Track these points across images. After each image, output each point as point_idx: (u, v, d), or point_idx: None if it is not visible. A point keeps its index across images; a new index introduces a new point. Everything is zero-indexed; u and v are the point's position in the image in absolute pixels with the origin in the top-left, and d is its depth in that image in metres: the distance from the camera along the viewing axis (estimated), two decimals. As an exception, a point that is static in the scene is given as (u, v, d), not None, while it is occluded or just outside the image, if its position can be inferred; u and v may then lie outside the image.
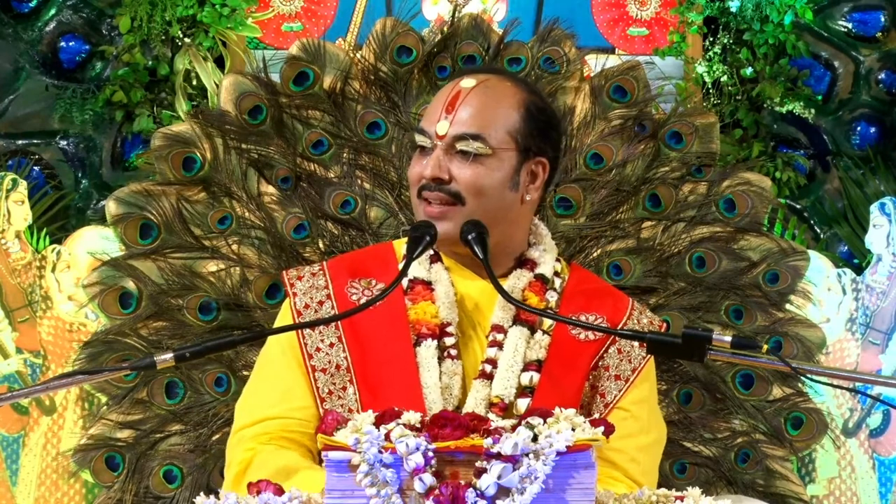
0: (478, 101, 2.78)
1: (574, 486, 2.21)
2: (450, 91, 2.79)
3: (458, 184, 2.75)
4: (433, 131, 2.77)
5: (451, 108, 2.76)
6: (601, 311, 2.86)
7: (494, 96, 2.79)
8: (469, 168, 2.75)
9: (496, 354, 2.77)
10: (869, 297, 5.63)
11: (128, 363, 2.68)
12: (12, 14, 6.57)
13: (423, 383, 2.72)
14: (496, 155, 2.77)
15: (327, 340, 2.79)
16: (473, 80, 2.80)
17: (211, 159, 3.25)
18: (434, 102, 2.82)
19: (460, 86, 2.79)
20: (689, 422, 3.25)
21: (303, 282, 2.86)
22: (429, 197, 2.76)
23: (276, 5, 6.67)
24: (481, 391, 2.74)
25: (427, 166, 2.75)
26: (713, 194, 3.29)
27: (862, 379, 3.99)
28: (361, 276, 2.85)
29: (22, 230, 5.54)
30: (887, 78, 6.80)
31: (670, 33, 6.67)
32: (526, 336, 2.79)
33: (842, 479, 5.58)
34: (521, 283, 2.81)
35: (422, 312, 2.78)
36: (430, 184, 2.75)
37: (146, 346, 3.17)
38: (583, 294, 2.89)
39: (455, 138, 2.75)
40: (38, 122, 6.56)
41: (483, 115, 2.77)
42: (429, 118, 2.80)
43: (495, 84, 2.81)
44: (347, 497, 2.23)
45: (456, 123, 2.75)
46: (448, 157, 2.75)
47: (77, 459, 3.21)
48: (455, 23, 3.32)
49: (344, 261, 2.92)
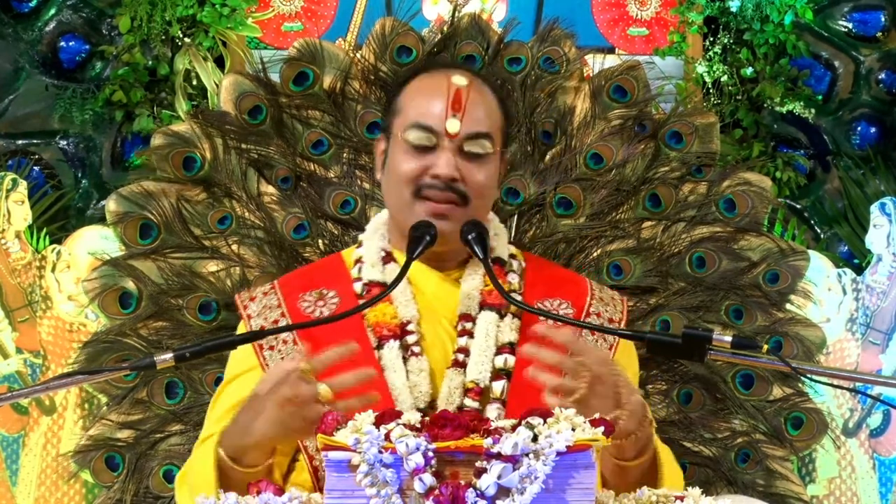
0: (481, 100, 2.78)
1: (574, 486, 2.21)
2: (446, 89, 2.77)
3: (465, 184, 2.74)
4: (441, 129, 2.74)
5: (459, 106, 2.75)
6: (566, 296, 2.87)
7: (487, 94, 2.80)
8: (477, 168, 2.75)
9: (467, 343, 2.76)
10: (869, 297, 5.63)
11: (128, 363, 2.69)
12: (12, 14, 6.57)
13: (391, 385, 2.71)
14: (495, 154, 2.78)
15: (287, 357, 2.75)
16: (464, 78, 2.78)
17: (211, 159, 3.25)
18: (427, 100, 2.78)
19: (454, 82, 2.77)
20: (689, 422, 3.25)
21: (255, 302, 2.86)
22: (435, 196, 2.74)
23: (276, 5, 6.67)
24: (455, 379, 2.73)
25: (440, 166, 2.73)
26: (713, 194, 3.29)
27: (862, 379, 4.00)
28: (312, 288, 2.85)
29: (22, 230, 5.54)
30: (887, 78, 6.80)
31: (670, 33, 6.67)
32: (495, 320, 2.78)
33: (842, 479, 5.59)
34: (481, 270, 2.79)
35: (380, 314, 2.77)
36: (438, 182, 2.74)
37: (146, 346, 3.17)
38: (543, 280, 2.89)
39: (467, 137, 2.74)
40: (38, 122, 6.56)
41: (488, 113, 2.78)
42: (429, 115, 2.76)
43: (480, 82, 2.82)
44: (347, 497, 2.23)
45: (467, 122, 2.74)
46: (456, 155, 2.75)
47: (77, 460, 3.21)
48: (455, 23, 3.32)
49: (294, 277, 2.92)
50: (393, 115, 2.82)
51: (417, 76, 2.84)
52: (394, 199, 2.80)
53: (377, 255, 2.84)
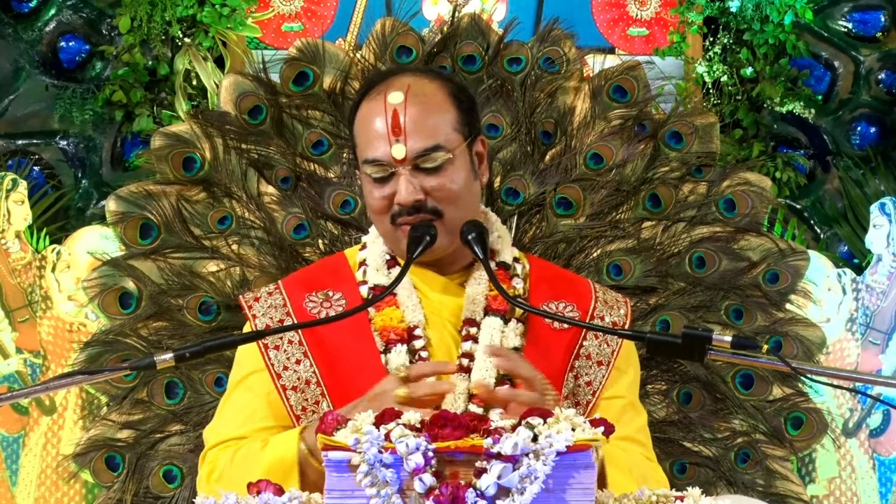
0: (418, 113, 2.72)
1: (574, 486, 2.21)
2: (383, 113, 2.72)
3: (433, 199, 2.72)
4: (389, 158, 2.71)
5: (398, 130, 2.71)
6: (569, 298, 2.86)
7: (427, 101, 2.75)
8: (439, 178, 2.72)
9: (471, 347, 2.76)
10: (869, 297, 5.63)
11: (128, 363, 2.68)
12: (12, 14, 6.57)
13: None
14: (456, 155, 2.75)
15: (293, 358, 2.77)
16: (399, 94, 2.73)
17: (211, 159, 3.25)
18: (370, 131, 2.74)
19: (390, 103, 2.72)
20: (689, 422, 3.25)
21: (260, 303, 2.85)
22: (408, 221, 2.72)
23: (276, 5, 6.67)
24: (460, 385, 2.72)
25: (400, 193, 2.70)
26: (713, 194, 3.29)
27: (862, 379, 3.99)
28: (317, 289, 2.84)
29: (22, 230, 5.55)
30: (887, 78, 6.80)
31: (670, 33, 6.67)
32: (500, 325, 2.78)
33: (842, 479, 5.59)
34: (486, 275, 2.77)
35: (387, 319, 2.77)
36: (406, 208, 2.72)
37: (146, 346, 3.17)
38: (546, 282, 2.88)
39: (416, 157, 2.71)
40: (38, 122, 6.56)
41: (430, 124, 2.73)
42: (374, 147, 2.72)
43: (420, 88, 2.76)
44: (347, 497, 2.23)
45: (412, 142, 2.70)
46: (414, 176, 2.72)
47: (77, 460, 3.21)
48: (455, 23, 3.32)
49: (298, 276, 2.91)
50: (354, 146, 2.82)
51: (363, 100, 2.80)
52: (379, 228, 2.81)
53: (381, 258, 2.84)
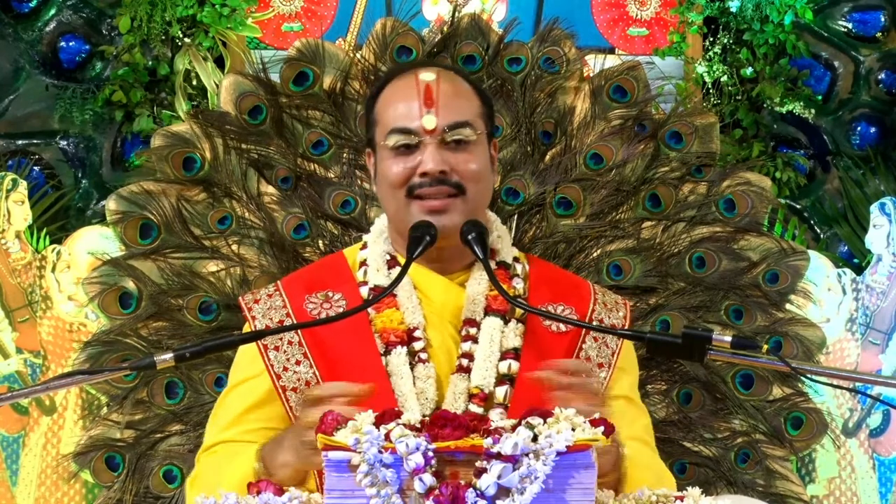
0: (453, 89, 2.77)
1: (574, 486, 2.21)
2: (415, 87, 2.75)
3: (457, 174, 2.73)
4: (418, 127, 2.73)
5: (431, 101, 2.74)
6: (568, 301, 2.85)
7: (458, 84, 2.79)
8: (465, 156, 2.74)
9: (471, 348, 2.76)
10: (869, 297, 5.63)
11: (128, 363, 2.68)
12: (12, 14, 6.57)
13: (399, 391, 2.70)
14: (479, 140, 2.77)
15: (293, 359, 2.77)
16: (432, 73, 2.77)
17: (211, 159, 3.25)
18: (399, 105, 2.77)
19: (422, 80, 2.76)
20: (689, 422, 3.25)
21: (260, 304, 2.84)
22: (429, 193, 2.72)
23: (276, 5, 6.67)
24: (459, 385, 2.73)
25: (426, 163, 2.72)
26: (713, 194, 3.30)
27: (862, 379, 4.00)
28: (317, 289, 2.83)
29: (22, 230, 5.54)
30: (887, 78, 6.80)
31: (670, 33, 6.67)
32: (500, 326, 2.77)
33: (842, 479, 5.58)
34: (486, 275, 2.77)
35: (388, 320, 2.76)
36: (428, 180, 2.72)
37: (146, 346, 3.18)
38: (546, 284, 2.88)
39: (447, 129, 2.73)
40: (38, 122, 6.56)
41: (462, 102, 2.77)
42: (405, 116, 2.75)
43: (449, 74, 2.81)
44: (347, 497, 2.23)
45: (443, 114, 2.73)
46: (440, 149, 2.74)
47: (77, 460, 3.21)
48: (455, 23, 3.32)
49: (298, 277, 2.91)
50: (373, 127, 2.82)
51: (387, 84, 2.83)
52: (390, 205, 2.79)
53: (382, 258, 2.83)
